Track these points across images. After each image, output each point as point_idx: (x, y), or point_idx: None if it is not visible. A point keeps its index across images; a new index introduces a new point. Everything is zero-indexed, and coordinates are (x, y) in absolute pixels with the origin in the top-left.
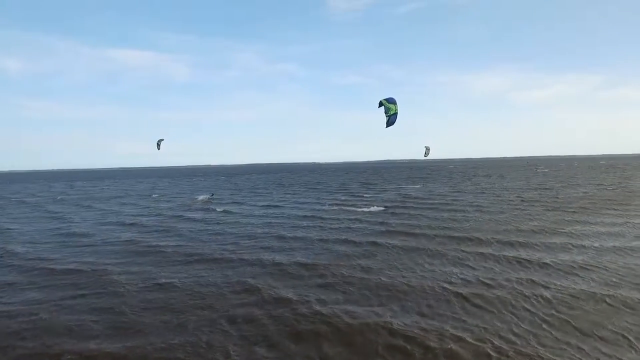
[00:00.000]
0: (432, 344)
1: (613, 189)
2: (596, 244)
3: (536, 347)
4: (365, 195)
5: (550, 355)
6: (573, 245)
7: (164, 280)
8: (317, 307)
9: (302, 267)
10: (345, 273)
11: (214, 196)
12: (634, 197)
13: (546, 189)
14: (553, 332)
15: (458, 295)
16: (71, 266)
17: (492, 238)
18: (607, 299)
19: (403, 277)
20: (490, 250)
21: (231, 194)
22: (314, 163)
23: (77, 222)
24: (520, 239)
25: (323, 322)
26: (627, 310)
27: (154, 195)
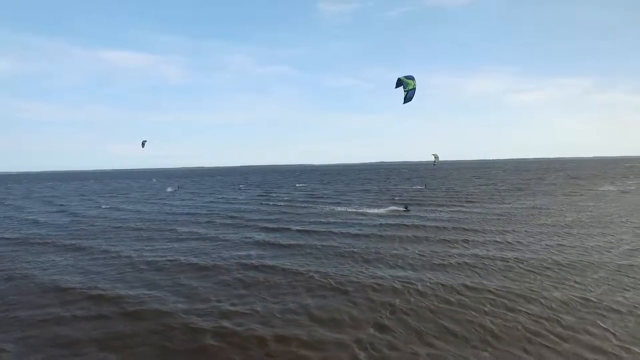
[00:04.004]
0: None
1: (502, 189)
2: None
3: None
4: (282, 196)
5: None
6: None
7: None
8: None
9: (104, 252)
10: (129, 254)
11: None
12: (497, 194)
13: (455, 189)
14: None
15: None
16: None
17: (302, 229)
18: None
19: (184, 257)
20: (279, 238)
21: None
22: (310, 165)
23: None
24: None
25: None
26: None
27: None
